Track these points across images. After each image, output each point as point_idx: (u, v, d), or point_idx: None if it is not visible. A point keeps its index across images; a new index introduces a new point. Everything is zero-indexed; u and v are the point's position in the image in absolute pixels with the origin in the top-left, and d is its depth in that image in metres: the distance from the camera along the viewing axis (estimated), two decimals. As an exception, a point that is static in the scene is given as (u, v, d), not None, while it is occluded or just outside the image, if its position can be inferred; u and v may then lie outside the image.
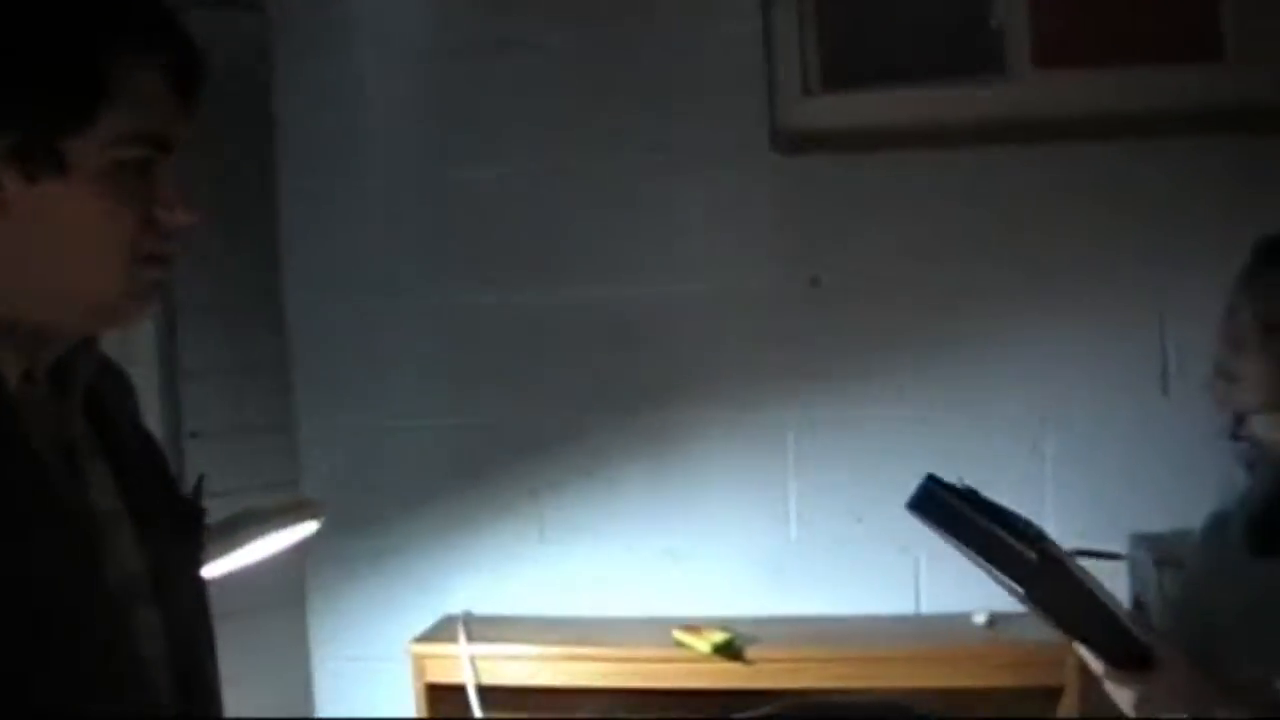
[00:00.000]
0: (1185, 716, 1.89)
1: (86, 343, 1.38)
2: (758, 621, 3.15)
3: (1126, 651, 1.87)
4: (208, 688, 1.48)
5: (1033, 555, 1.73)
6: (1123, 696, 1.88)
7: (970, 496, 1.82)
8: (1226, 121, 3.09)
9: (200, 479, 1.55)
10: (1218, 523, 2.10)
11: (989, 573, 1.87)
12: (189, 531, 1.50)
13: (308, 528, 2.55)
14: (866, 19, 3.37)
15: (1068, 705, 2.83)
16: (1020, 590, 1.75)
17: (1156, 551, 2.80)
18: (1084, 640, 1.89)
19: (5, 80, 1.23)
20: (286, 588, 3.39)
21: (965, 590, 3.04)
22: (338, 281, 3.43)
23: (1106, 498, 3.02)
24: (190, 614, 1.44)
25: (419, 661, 3.14)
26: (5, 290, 1.26)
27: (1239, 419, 2.04)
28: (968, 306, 3.15)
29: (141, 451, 1.48)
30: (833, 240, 3.20)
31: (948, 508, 1.81)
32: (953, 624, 3.10)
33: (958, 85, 3.25)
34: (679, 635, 3.06)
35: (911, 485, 2.21)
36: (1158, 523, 2.89)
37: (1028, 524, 1.80)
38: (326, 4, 3.41)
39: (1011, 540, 1.75)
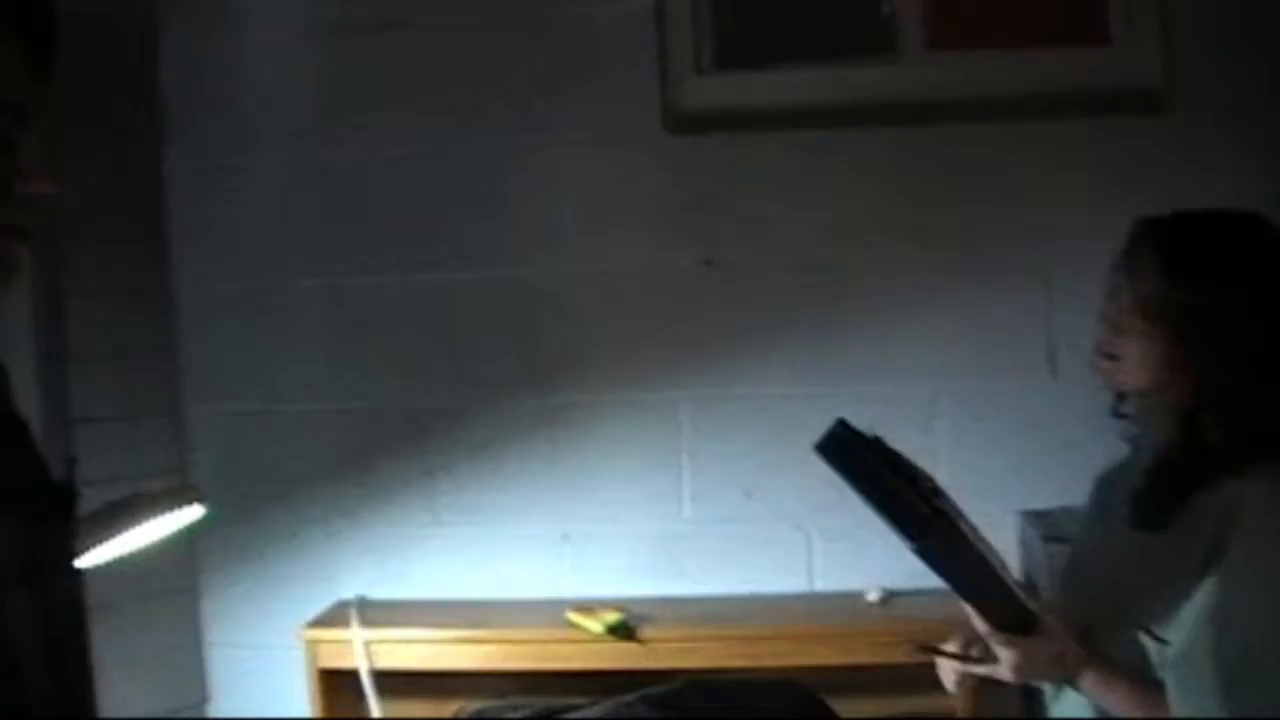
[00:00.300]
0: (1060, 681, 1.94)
1: None
2: (652, 601, 3.16)
3: (1010, 615, 1.91)
4: (81, 674, 1.45)
5: (926, 509, 1.75)
6: (1003, 657, 1.92)
7: (876, 445, 1.84)
8: (1113, 104, 3.15)
9: (72, 463, 1.51)
10: (1100, 497, 2.14)
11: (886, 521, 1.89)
12: (61, 517, 1.47)
13: (191, 513, 2.51)
14: (761, -1, 3.40)
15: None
16: (911, 543, 1.77)
17: (1045, 528, 2.84)
18: (969, 599, 1.92)
19: None
20: (178, 575, 3.35)
21: (859, 568, 3.08)
22: (226, 264, 3.38)
23: (997, 475, 3.05)
24: (63, 601, 1.42)
25: (312, 647, 3.11)
26: None
27: (1121, 397, 2.07)
28: (860, 286, 3.18)
29: (11, 436, 1.44)
30: (725, 220, 3.21)
31: (852, 453, 1.82)
32: (846, 601, 3.13)
33: (850, 66, 3.28)
34: (572, 616, 3.06)
35: (805, 463, 2.23)
36: (1047, 499, 2.94)
37: (928, 479, 1.82)
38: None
39: (908, 492, 1.76)
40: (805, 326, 3.19)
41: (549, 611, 3.14)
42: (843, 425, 1.86)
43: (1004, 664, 1.92)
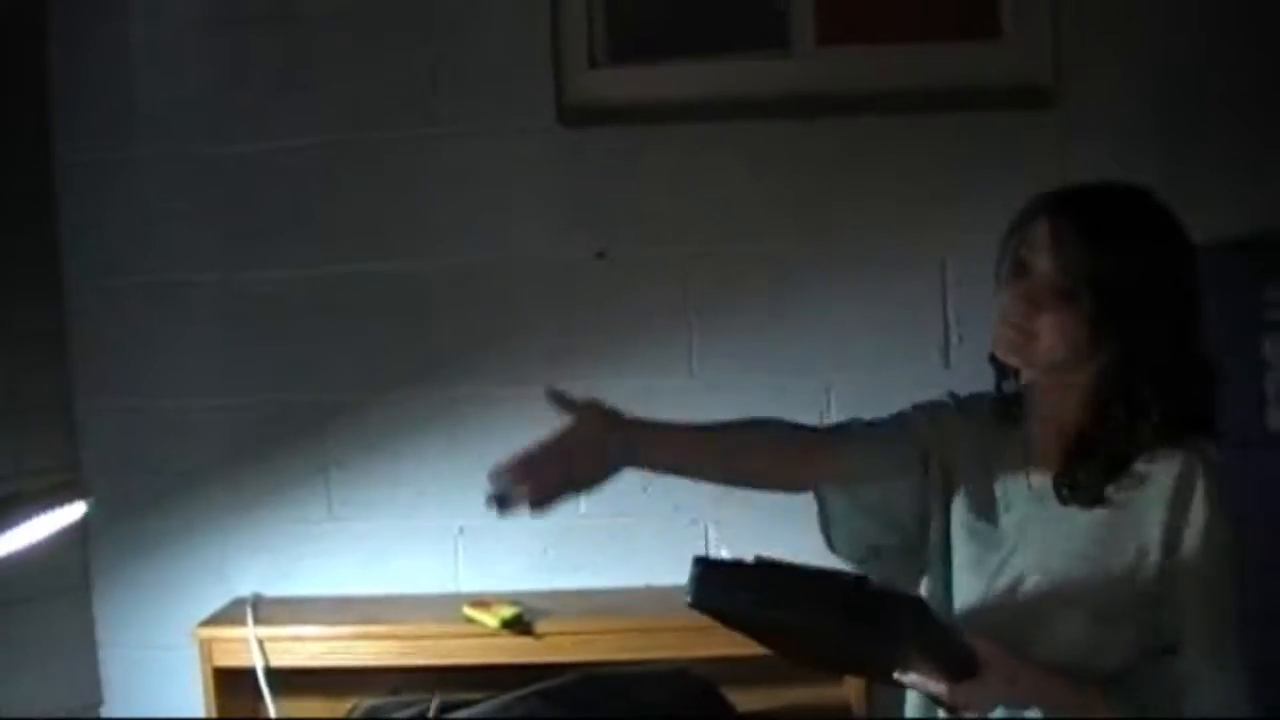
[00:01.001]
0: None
1: None
2: (549, 595, 3.19)
3: (957, 663, 1.84)
4: None
5: (894, 601, 1.72)
6: (970, 707, 1.88)
7: (760, 564, 1.74)
8: (1001, 97, 3.21)
9: None
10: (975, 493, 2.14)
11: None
12: None
13: (74, 510, 2.48)
14: (654, -7, 3.44)
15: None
16: (875, 639, 1.72)
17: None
18: (926, 663, 1.85)
19: None
20: (70, 574, 3.33)
21: None
22: (117, 258, 3.37)
23: None
24: None
25: (206, 645, 3.10)
26: None
27: (1004, 376, 2.08)
28: (753, 277, 3.21)
29: None
30: (619, 212, 3.24)
31: (755, 580, 1.73)
32: None
33: (743, 60, 3.33)
34: (468, 611, 3.08)
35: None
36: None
37: (844, 572, 1.78)
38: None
39: (846, 590, 1.70)
40: (700, 317, 3.23)
41: (445, 606, 3.16)
42: (704, 561, 1.75)
43: (966, 712, 1.89)
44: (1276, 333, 2.81)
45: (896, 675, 1.88)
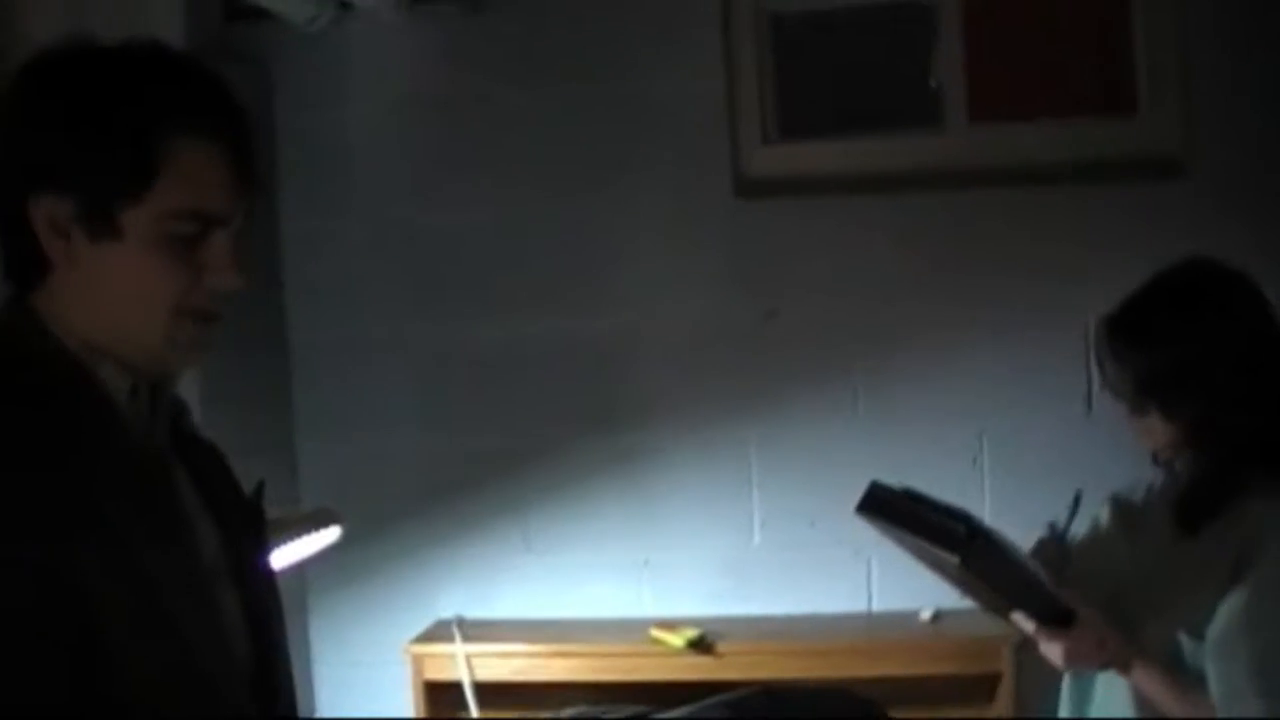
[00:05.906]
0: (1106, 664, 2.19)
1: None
2: (726, 620, 3.39)
3: (1052, 612, 2.15)
4: (280, 657, 1.72)
5: (963, 530, 2.02)
6: (1053, 652, 2.17)
7: (909, 494, 2.13)
8: (1138, 168, 3.39)
9: (260, 484, 1.80)
10: (1122, 510, 2.42)
11: (931, 560, 2.18)
12: (255, 527, 1.71)
13: (330, 534, 2.82)
14: (820, 76, 3.66)
15: (1005, 689, 3.12)
16: (956, 560, 2.02)
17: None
18: (1015, 604, 2.17)
19: (71, 150, 1.41)
20: (289, 597, 3.61)
21: (913, 589, 3.23)
22: (336, 316, 3.64)
23: (1037, 503, 3.20)
24: (263, 595, 1.66)
25: (417, 660, 3.36)
26: (87, 328, 1.46)
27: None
28: (911, 333, 3.40)
29: (217, 460, 1.74)
30: (789, 275, 3.46)
31: (889, 504, 2.11)
32: (901, 620, 3.36)
33: (900, 137, 3.55)
34: (655, 633, 3.30)
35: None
36: (1081, 524, 3.18)
37: (958, 509, 2.08)
38: (320, 61, 3.62)
39: (945, 520, 2.04)
40: (862, 370, 3.42)
41: (632, 629, 3.38)
42: (876, 485, 2.15)
43: (1053, 656, 2.18)
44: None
45: (1010, 614, 2.18)
